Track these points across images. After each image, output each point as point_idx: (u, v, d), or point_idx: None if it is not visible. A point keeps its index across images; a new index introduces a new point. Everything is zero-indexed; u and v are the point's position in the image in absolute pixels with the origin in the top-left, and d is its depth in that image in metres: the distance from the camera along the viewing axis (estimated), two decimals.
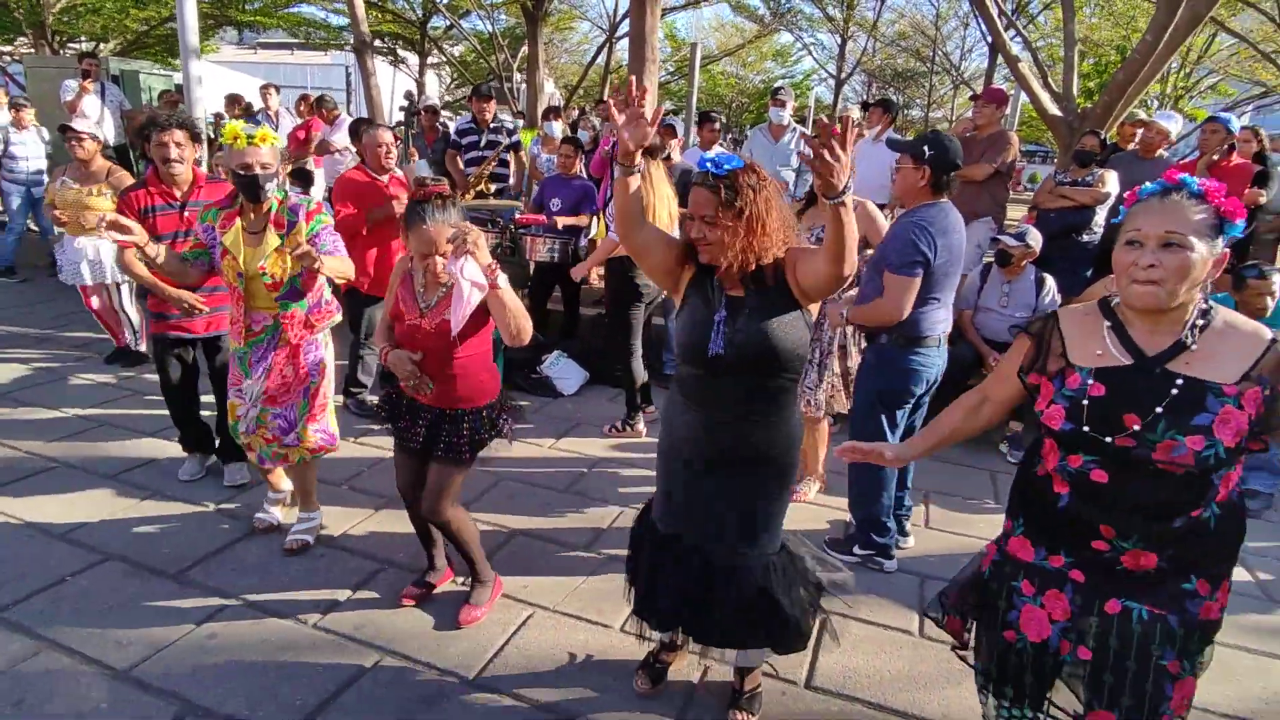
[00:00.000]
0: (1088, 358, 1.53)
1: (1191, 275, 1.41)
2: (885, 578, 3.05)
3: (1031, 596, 1.63)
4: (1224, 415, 1.39)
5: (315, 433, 2.99)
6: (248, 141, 2.66)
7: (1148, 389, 1.45)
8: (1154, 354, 1.47)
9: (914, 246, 2.73)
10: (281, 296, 2.83)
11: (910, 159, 2.80)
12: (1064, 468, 1.55)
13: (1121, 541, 1.50)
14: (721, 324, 1.94)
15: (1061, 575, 1.60)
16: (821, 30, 22.79)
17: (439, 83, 25.62)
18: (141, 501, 3.34)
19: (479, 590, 2.71)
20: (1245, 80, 17.00)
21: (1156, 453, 1.42)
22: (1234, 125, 5.07)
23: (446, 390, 2.48)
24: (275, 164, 2.77)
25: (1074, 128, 7.03)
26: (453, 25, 18.12)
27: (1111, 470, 1.48)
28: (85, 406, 4.34)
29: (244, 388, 2.90)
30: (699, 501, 2.07)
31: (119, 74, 10.18)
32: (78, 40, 17.55)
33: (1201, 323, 1.46)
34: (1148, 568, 1.50)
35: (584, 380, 5.12)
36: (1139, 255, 1.43)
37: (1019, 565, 1.67)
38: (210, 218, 2.86)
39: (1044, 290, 4.39)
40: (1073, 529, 1.56)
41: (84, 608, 2.61)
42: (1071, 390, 1.52)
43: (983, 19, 8.37)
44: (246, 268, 2.78)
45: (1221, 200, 1.41)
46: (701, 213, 1.92)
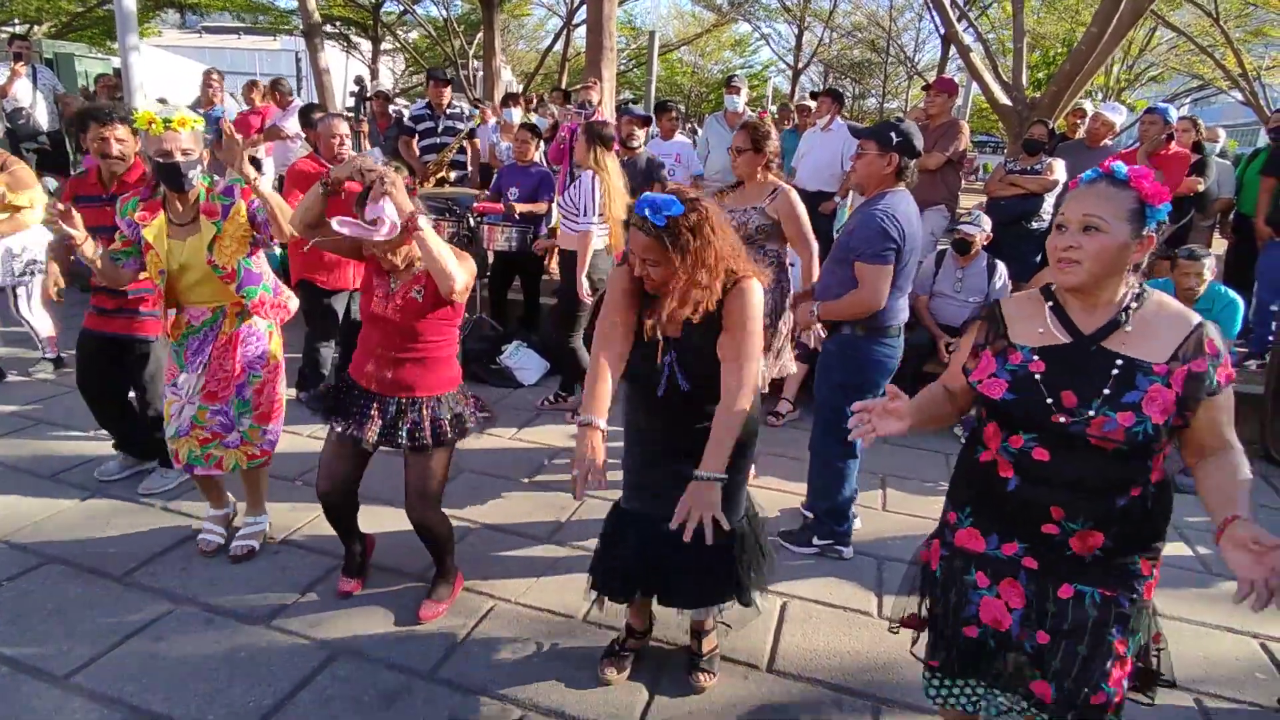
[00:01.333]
0: (1028, 336, 1.59)
1: (1110, 257, 1.47)
2: (845, 560, 3.09)
3: (987, 588, 1.65)
4: (1152, 393, 1.45)
5: (264, 434, 2.86)
6: (165, 126, 2.48)
7: (1086, 366, 1.51)
8: (1089, 333, 1.53)
9: (885, 234, 2.72)
10: (240, 285, 2.67)
11: (876, 146, 2.78)
12: (1006, 448, 1.59)
13: (1070, 523, 1.54)
14: (668, 366, 2.01)
15: (1015, 563, 1.62)
16: (779, 20, 22.95)
17: (392, 70, 25.10)
18: (83, 502, 3.22)
19: (441, 586, 2.66)
20: (1184, 73, 17.59)
21: (1090, 428, 1.47)
22: (1172, 115, 5.23)
23: (406, 375, 2.41)
24: (197, 149, 2.58)
25: (1023, 117, 7.20)
26: (406, 10, 17.76)
27: (1050, 447, 1.53)
28: (19, 405, 4.16)
29: (179, 382, 2.74)
30: (660, 480, 2.11)
31: (53, 57, 9.75)
32: (10, 23, 16.77)
33: (1135, 305, 1.52)
34: (1095, 548, 1.54)
35: (544, 370, 5.08)
36: (1060, 239, 1.51)
37: (970, 557, 1.68)
38: (130, 209, 2.66)
39: (995, 275, 4.49)
40: (1024, 513, 1.59)
41: (23, 613, 2.50)
42: (1014, 365, 1.57)
43: (937, 11, 8.51)
44: (170, 262, 2.61)
45: (1144, 186, 1.46)
46: (643, 255, 1.90)
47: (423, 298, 2.35)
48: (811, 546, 3.14)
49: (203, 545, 2.91)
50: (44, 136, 7.66)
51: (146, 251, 2.63)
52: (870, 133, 2.86)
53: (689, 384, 1.99)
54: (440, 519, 2.55)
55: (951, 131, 5.25)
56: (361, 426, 2.42)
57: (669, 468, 2.08)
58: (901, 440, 4.34)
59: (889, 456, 4.08)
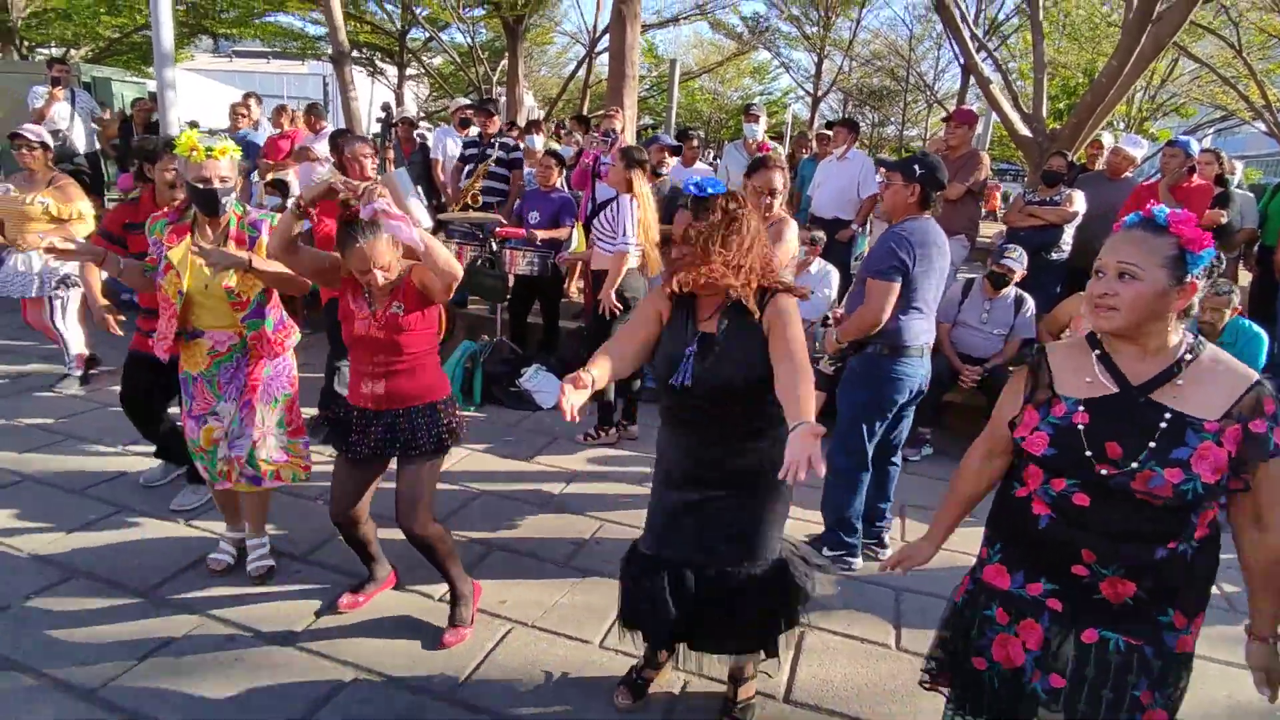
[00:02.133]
0: (1075, 387, 1.55)
1: (1146, 304, 1.44)
2: (862, 591, 3.07)
3: (1005, 625, 1.63)
4: (1202, 451, 1.41)
5: (303, 445, 2.93)
6: (206, 154, 2.57)
7: (1132, 418, 1.47)
8: (1139, 383, 1.50)
9: (893, 254, 2.87)
10: (248, 316, 2.74)
11: (901, 177, 2.93)
12: (1046, 491, 1.56)
13: (1101, 568, 1.51)
14: (691, 358, 1.98)
15: (1039, 604, 1.60)
16: (798, 49, 23.17)
17: (416, 95, 25.57)
18: (109, 517, 3.27)
19: (460, 609, 2.66)
20: (1207, 104, 17.53)
21: (1135, 482, 1.44)
22: (1193, 148, 5.23)
23: (398, 387, 2.47)
24: (234, 177, 2.68)
25: (1043, 148, 7.21)
26: (432, 37, 18.12)
27: (1092, 495, 1.50)
28: (50, 418, 4.24)
29: (219, 410, 2.79)
30: (688, 522, 2.08)
31: (90, 81, 10.03)
32: (47, 45, 17.28)
33: (1189, 357, 1.48)
34: (1125, 596, 1.51)
35: None
36: (1097, 285, 1.49)
37: (994, 593, 1.67)
38: (158, 230, 2.74)
39: (1023, 309, 4.48)
40: (1053, 551, 1.56)
41: (49, 626, 2.55)
42: (1057, 418, 1.54)
43: (956, 42, 8.56)
44: (191, 286, 2.68)
45: (1184, 230, 1.44)
46: (679, 229, 1.96)
47: (404, 309, 2.42)
48: (820, 557, 3.16)
49: (213, 565, 2.94)
50: (80, 158, 7.88)
51: (166, 272, 2.68)
52: (896, 165, 3.04)
53: (691, 380, 1.96)
54: (433, 529, 2.53)
55: (972, 162, 5.27)
56: (362, 441, 2.50)
57: (702, 505, 2.06)
58: (921, 470, 4.33)
59: (908, 487, 4.05)
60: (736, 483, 2.04)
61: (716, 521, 2.06)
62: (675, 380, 1.98)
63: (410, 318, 2.43)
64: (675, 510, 2.11)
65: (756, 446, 2.03)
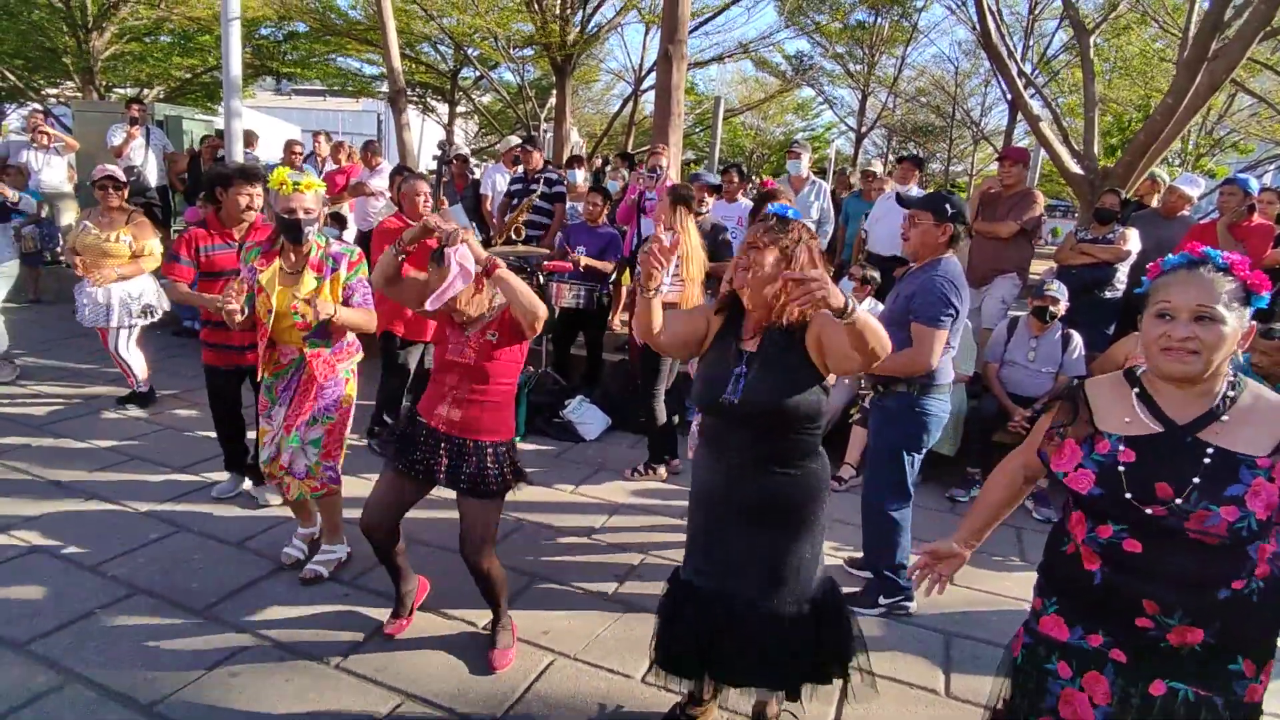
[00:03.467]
0: (1116, 424, 1.54)
1: (1228, 347, 1.43)
2: (911, 634, 3.01)
3: (1069, 679, 1.59)
4: (1255, 487, 1.39)
5: (326, 470, 3.07)
6: (294, 188, 2.83)
7: (1179, 457, 1.45)
8: (1184, 423, 1.48)
9: (946, 300, 2.84)
10: (310, 336, 2.96)
11: (932, 217, 2.91)
12: (1094, 539, 1.53)
13: (1166, 618, 1.47)
14: (741, 376, 2.00)
15: (1101, 655, 1.55)
16: (842, 86, 23.26)
17: (465, 131, 26.32)
18: (171, 536, 3.39)
19: (503, 634, 2.71)
20: (1266, 139, 17.08)
21: (1189, 522, 1.42)
22: (1252, 186, 5.10)
23: (469, 416, 2.52)
24: (318, 209, 2.93)
25: (1095, 186, 7.10)
26: (482, 76, 18.69)
27: (1144, 540, 1.47)
28: (117, 440, 4.42)
29: (272, 414, 3.04)
30: (724, 550, 2.09)
31: (163, 119, 10.58)
32: (123, 85, 18.30)
33: (1231, 394, 1.47)
34: (1194, 644, 1.47)
35: (606, 426, 5.14)
36: (1171, 328, 1.45)
37: (1054, 645, 1.62)
38: (253, 257, 3.01)
39: (1070, 347, 4.40)
40: (1113, 607, 1.53)
41: (110, 641, 2.64)
42: (1101, 455, 1.52)
43: (1004, 80, 8.54)
44: (278, 305, 2.91)
45: (1246, 274, 1.44)
46: (754, 242, 2.01)
47: (497, 339, 2.50)
48: (879, 607, 3.12)
49: (285, 559, 3.19)
50: (152, 192, 8.30)
51: (259, 294, 2.93)
52: (925, 204, 2.99)
53: (740, 397, 1.98)
54: (495, 564, 2.61)
55: (1026, 201, 5.22)
56: (431, 463, 2.54)
57: (735, 534, 2.07)
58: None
59: (955, 530, 3.97)
60: (769, 510, 2.05)
61: (751, 552, 2.06)
62: (726, 397, 1.99)
63: (501, 350, 2.51)
64: (710, 536, 2.12)
65: (791, 474, 2.04)
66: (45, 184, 7.87)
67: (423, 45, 18.03)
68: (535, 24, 14.30)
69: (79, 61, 15.62)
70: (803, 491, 2.04)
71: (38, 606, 2.80)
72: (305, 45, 17.75)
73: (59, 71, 16.80)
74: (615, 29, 16.25)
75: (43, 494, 3.69)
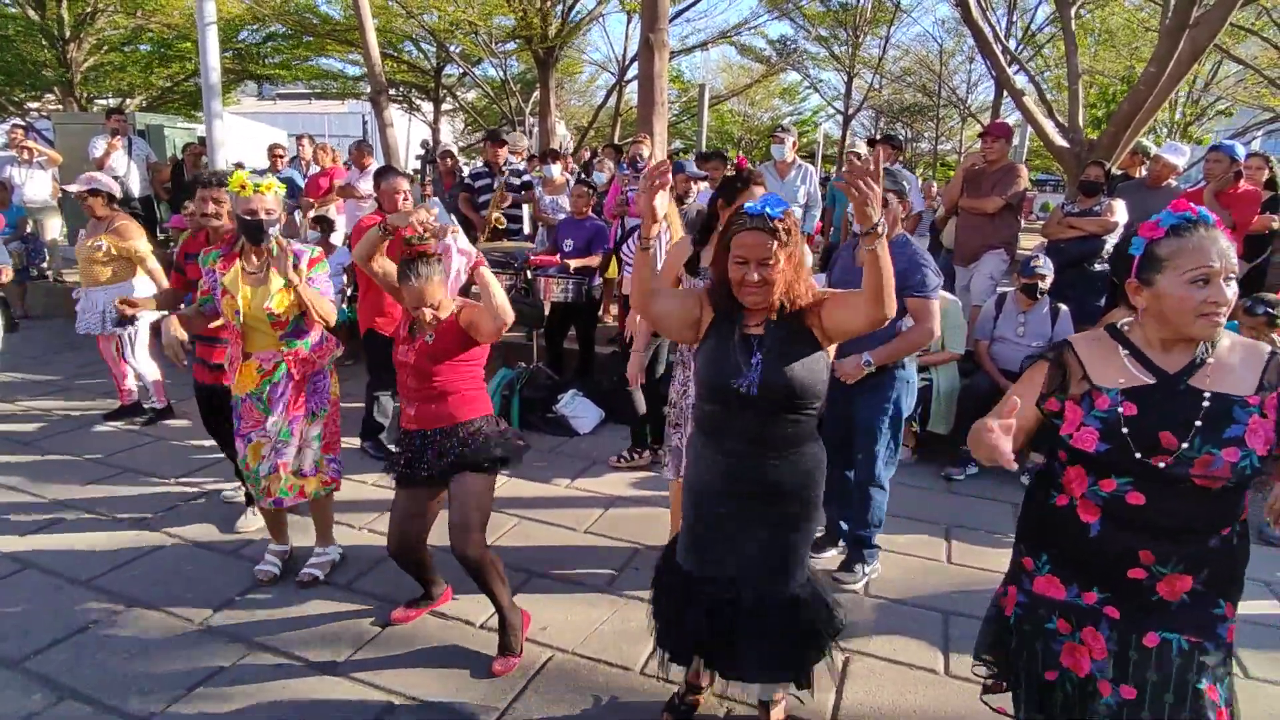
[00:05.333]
0: (1111, 380, 1.56)
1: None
2: (910, 614, 3.00)
3: (1069, 634, 1.63)
4: (1253, 425, 1.45)
5: (330, 463, 3.13)
6: (254, 190, 2.84)
7: (1177, 405, 1.49)
8: (1174, 372, 1.52)
9: (924, 269, 2.93)
10: (286, 335, 2.96)
11: (896, 195, 2.95)
12: (1095, 492, 1.56)
13: (1160, 567, 1.51)
14: (758, 365, 1.95)
15: (1096, 612, 1.59)
16: (827, 69, 23.16)
17: (452, 129, 26.19)
18: (165, 548, 3.37)
19: (509, 638, 2.65)
20: (1253, 106, 17.05)
21: (1194, 468, 1.45)
22: (1239, 152, 5.08)
23: (435, 411, 2.62)
24: (278, 211, 2.93)
25: (1081, 159, 7.07)
26: (466, 73, 18.59)
27: (1148, 491, 1.50)
28: (108, 453, 4.40)
29: (267, 426, 2.96)
30: (722, 538, 2.08)
31: (144, 128, 10.50)
32: (105, 96, 18.15)
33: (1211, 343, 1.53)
34: (1183, 592, 1.51)
35: (600, 419, 5.13)
36: (1213, 293, 1.45)
37: (1053, 605, 1.66)
38: (211, 261, 3.01)
39: (1059, 320, 4.39)
40: (1107, 559, 1.56)
41: (105, 656, 2.62)
42: (1103, 411, 1.53)
43: (987, 58, 8.49)
44: (246, 307, 2.90)
45: (1229, 232, 1.50)
46: (759, 256, 1.90)
47: (433, 341, 2.57)
48: (865, 577, 3.23)
49: (260, 575, 3.13)
50: (136, 202, 8.24)
51: (223, 296, 2.92)
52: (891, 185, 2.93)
53: (758, 385, 1.93)
54: (483, 552, 2.56)
55: (1010, 175, 5.19)
56: (417, 463, 2.62)
57: (737, 525, 2.05)
58: (965, 489, 4.23)
59: (954, 507, 3.98)
60: (769, 495, 2.03)
61: (748, 535, 2.05)
62: (741, 385, 1.94)
63: (442, 349, 2.57)
64: (708, 524, 2.10)
65: (790, 460, 2.02)
66: (29, 198, 7.82)
67: (404, 44, 17.93)
68: (516, 17, 14.21)
69: (58, 73, 15.49)
70: (802, 475, 2.03)
71: (31, 623, 2.78)
72: (285, 48, 17.61)
73: (39, 84, 16.66)
74: (596, 19, 16.17)
75: (34, 510, 3.67)
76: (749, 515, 2.04)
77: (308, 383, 3.04)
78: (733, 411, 2.01)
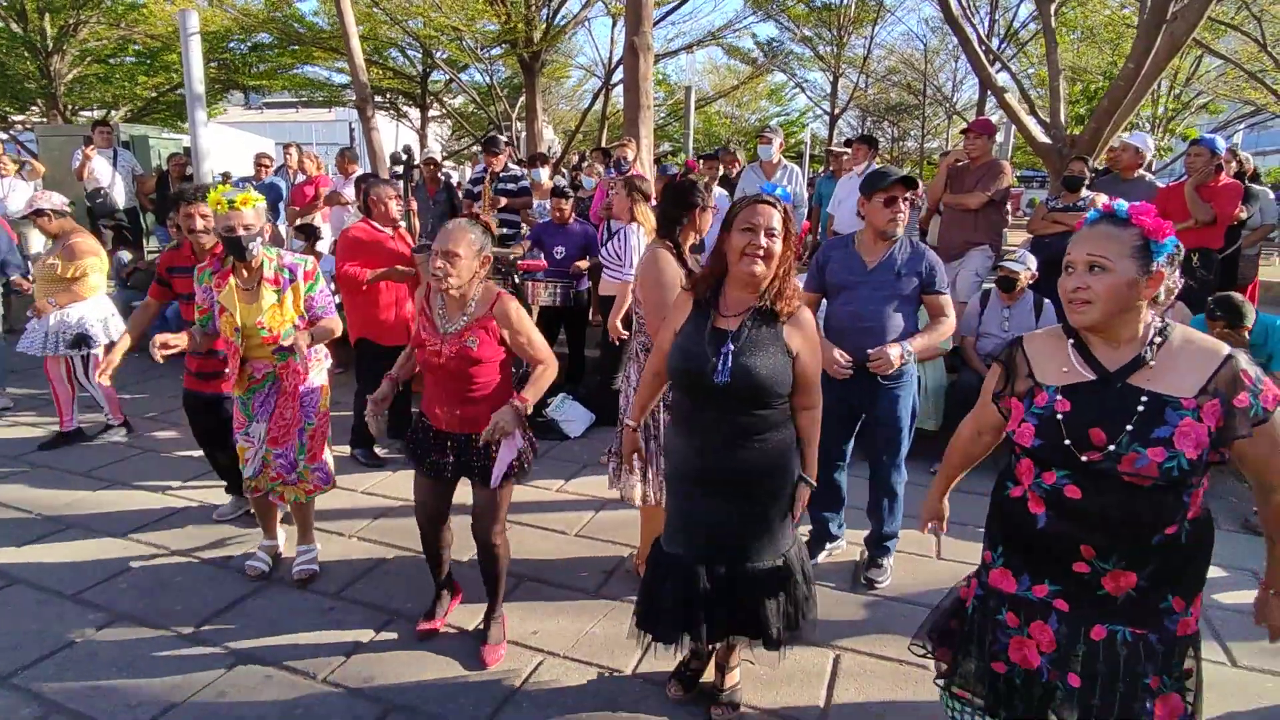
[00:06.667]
0: (1054, 375, 1.60)
1: (1119, 295, 1.48)
2: (897, 611, 3.02)
3: (1017, 628, 1.66)
4: (1183, 428, 1.44)
5: (314, 471, 3.15)
6: (229, 206, 2.82)
7: (1111, 404, 1.51)
8: (1115, 369, 1.54)
9: (945, 270, 3.03)
10: (279, 350, 2.96)
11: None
12: (1039, 485, 1.59)
13: (1102, 562, 1.53)
14: (727, 355, 2.03)
15: (1046, 606, 1.62)
16: (813, 69, 23.25)
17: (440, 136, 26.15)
18: (152, 560, 3.35)
19: (495, 627, 2.76)
20: (1235, 100, 17.20)
21: (1121, 464, 1.47)
22: (1219, 146, 5.13)
23: (468, 414, 2.56)
24: (259, 224, 2.90)
25: (1064, 154, 7.12)
26: (452, 79, 18.57)
27: (1083, 485, 1.53)
28: (95, 466, 4.37)
29: (250, 431, 3.04)
30: (699, 521, 2.17)
31: (129, 139, 10.45)
32: (89, 108, 18.06)
33: (1159, 340, 1.52)
34: (1128, 588, 1.53)
35: (590, 422, 5.13)
36: (1070, 280, 1.53)
37: (1003, 598, 1.70)
38: (206, 279, 3.01)
39: (1043, 314, 4.42)
40: (1053, 551, 1.59)
41: (94, 669, 2.61)
42: (1040, 408, 1.57)
43: (968, 57, 8.54)
44: (244, 322, 2.91)
45: (1145, 222, 1.48)
46: (766, 224, 2.02)
47: (476, 345, 2.49)
48: (890, 571, 3.27)
49: (250, 570, 3.19)
50: (121, 213, 8.20)
51: (221, 314, 2.93)
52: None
53: (728, 377, 2.01)
54: (503, 542, 2.69)
55: (993, 171, 5.23)
56: (441, 461, 2.62)
57: (712, 505, 2.14)
58: (955, 485, 4.24)
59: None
60: (746, 480, 2.12)
61: (727, 518, 2.14)
62: (716, 377, 2.02)
63: (485, 350, 2.50)
64: (686, 509, 2.20)
65: (765, 445, 2.10)
66: (10, 211, 7.76)
67: (390, 50, 17.90)
68: (501, 22, 14.21)
69: (42, 86, 15.40)
70: (772, 459, 2.12)
71: (18, 639, 2.76)
72: (271, 57, 17.57)
73: (23, 96, 16.56)
74: (581, 23, 16.17)
75: (20, 525, 3.64)
76: (720, 500, 2.14)
77: (298, 397, 3.05)
78: (701, 401, 2.11)
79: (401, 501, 3.95)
